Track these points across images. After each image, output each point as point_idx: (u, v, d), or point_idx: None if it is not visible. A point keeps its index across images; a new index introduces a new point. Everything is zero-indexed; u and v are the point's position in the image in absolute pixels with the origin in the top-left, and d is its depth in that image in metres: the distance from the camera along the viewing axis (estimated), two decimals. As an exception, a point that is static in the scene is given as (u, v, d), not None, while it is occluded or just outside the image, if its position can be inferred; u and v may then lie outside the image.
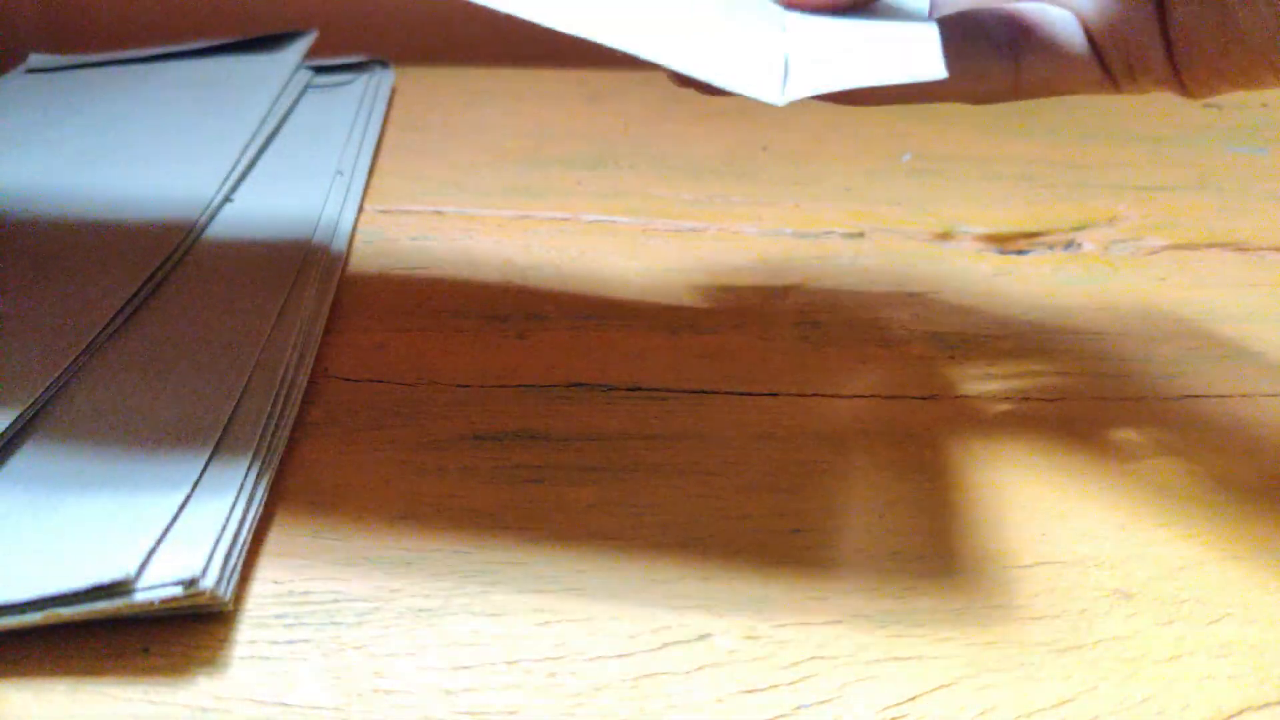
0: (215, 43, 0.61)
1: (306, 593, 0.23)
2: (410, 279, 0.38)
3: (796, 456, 0.28)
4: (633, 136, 0.54)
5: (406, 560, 0.24)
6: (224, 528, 0.23)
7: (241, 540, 0.23)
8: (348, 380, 0.31)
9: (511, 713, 0.20)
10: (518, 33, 0.63)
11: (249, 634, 0.22)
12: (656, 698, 0.21)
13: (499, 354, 0.33)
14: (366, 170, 0.47)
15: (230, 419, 0.27)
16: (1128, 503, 0.27)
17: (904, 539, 0.25)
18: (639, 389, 0.31)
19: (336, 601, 0.23)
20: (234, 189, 0.43)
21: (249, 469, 0.25)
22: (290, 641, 0.22)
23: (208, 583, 0.21)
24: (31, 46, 0.63)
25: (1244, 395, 0.32)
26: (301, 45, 0.59)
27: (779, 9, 0.26)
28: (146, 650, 0.21)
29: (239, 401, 0.28)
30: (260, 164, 0.46)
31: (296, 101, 0.54)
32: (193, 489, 0.24)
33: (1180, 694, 0.21)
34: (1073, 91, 0.27)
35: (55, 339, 0.30)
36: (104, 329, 0.31)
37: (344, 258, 0.38)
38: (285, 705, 0.20)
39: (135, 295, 0.33)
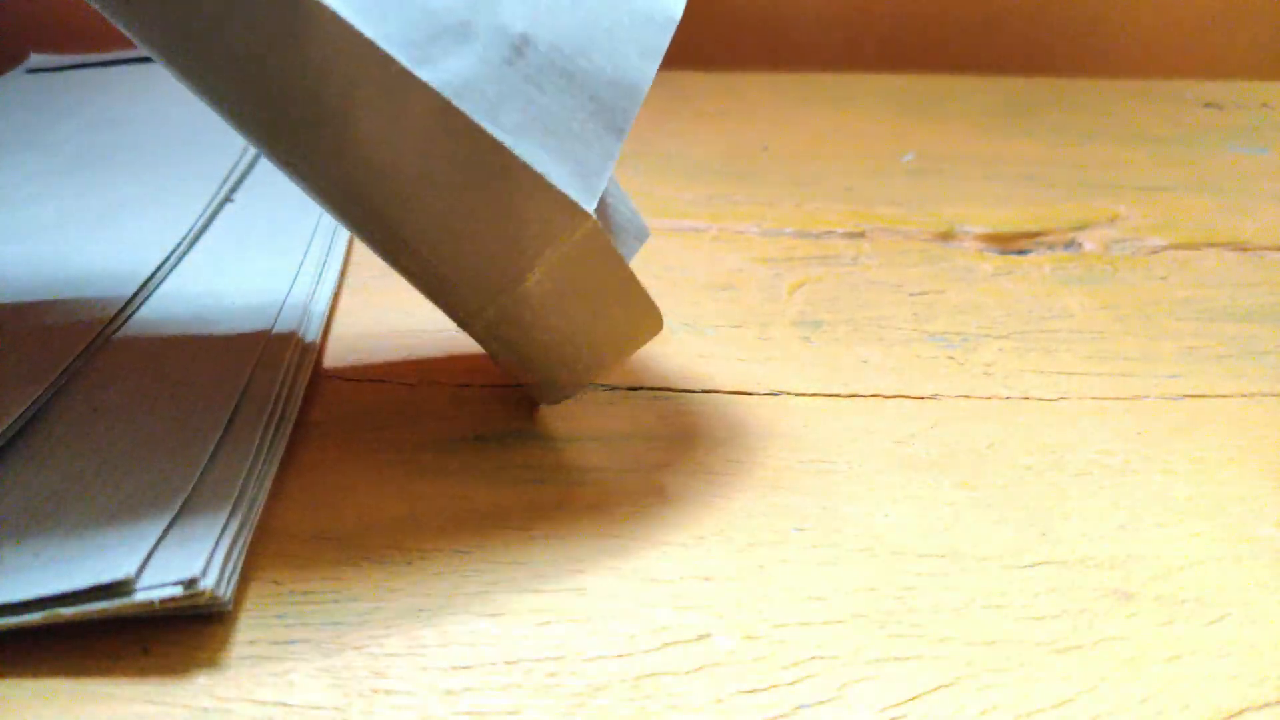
0: (215, 43, 0.61)
1: (306, 593, 0.23)
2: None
3: (797, 456, 0.28)
4: (633, 136, 0.54)
5: (407, 560, 0.24)
6: (224, 528, 0.23)
7: (242, 540, 0.23)
8: (348, 380, 0.31)
9: (511, 713, 0.20)
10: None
11: (249, 634, 0.22)
12: (656, 698, 0.21)
13: (499, 354, 0.33)
14: (367, 170, 0.47)
15: (230, 419, 0.27)
16: (1128, 503, 0.27)
17: (904, 538, 0.25)
18: (640, 388, 0.31)
19: (336, 601, 0.23)
20: (234, 189, 0.43)
21: (249, 469, 0.25)
22: (290, 641, 0.22)
23: (208, 583, 0.21)
24: (31, 46, 0.63)
25: (1244, 395, 0.32)
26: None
27: None
28: (146, 650, 0.21)
29: (239, 401, 0.28)
30: (261, 163, 0.46)
31: (297, 101, 0.54)
32: (193, 489, 0.24)
33: (1180, 694, 0.21)
34: None
35: (54, 341, 0.30)
36: (100, 333, 0.31)
37: (344, 257, 0.38)
38: (285, 705, 0.20)
39: (134, 296, 0.33)
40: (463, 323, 0.27)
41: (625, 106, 0.24)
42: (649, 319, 0.26)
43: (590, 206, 0.23)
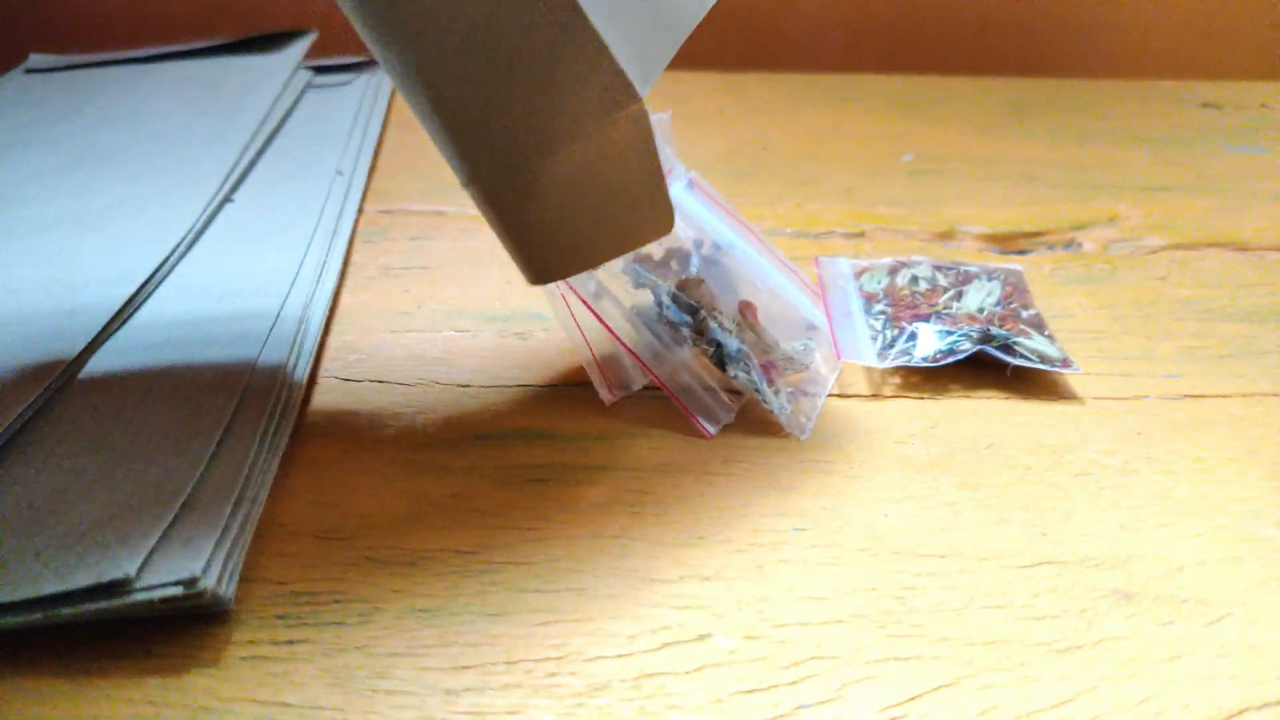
0: (215, 43, 0.61)
1: (308, 593, 0.23)
2: (411, 279, 0.38)
3: (799, 456, 0.28)
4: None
5: (408, 560, 0.24)
6: (225, 527, 0.23)
7: (243, 540, 0.23)
8: (348, 380, 0.31)
9: (512, 713, 0.20)
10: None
11: (250, 634, 0.22)
12: (656, 698, 0.21)
13: (500, 354, 0.33)
14: (367, 170, 0.47)
15: (231, 419, 0.27)
16: (1128, 502, 0.27)
17: (904, 538, 0.25)
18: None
19: (338, 601, 0.23)
20: (234, 189, 0.43)
21: (250, 468, 0.25)
22: (291, 641, 0.22)
23: (208, 582, 0.21)
24: (31, 46, 0.63)
25: (1244, 395, 0.32)
26: (301, 45, 0.59)
27: None
28: (147, 650, 0.21)
29: (240, 401, 0.28)
30: (260, 164, 0.46)
31: (296, 102, 0.54)
32: (193, 488, 0.24)
33: (1180, 694, 0.21)
34: None
35: (54, 341, 0.30)
36: (100, 333, 0.31)
37: (344, 258, 0.38)
38: (286, 705, 0.20)
39: (134, 296, 0.33)
40: (471, 181, 0.27)
41: (688, 17, 0.25)
42: (661, 218, 0.26)
43: (643, 91, 0.24)
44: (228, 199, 0.42)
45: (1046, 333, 0.33)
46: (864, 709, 0.21)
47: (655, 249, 0.31)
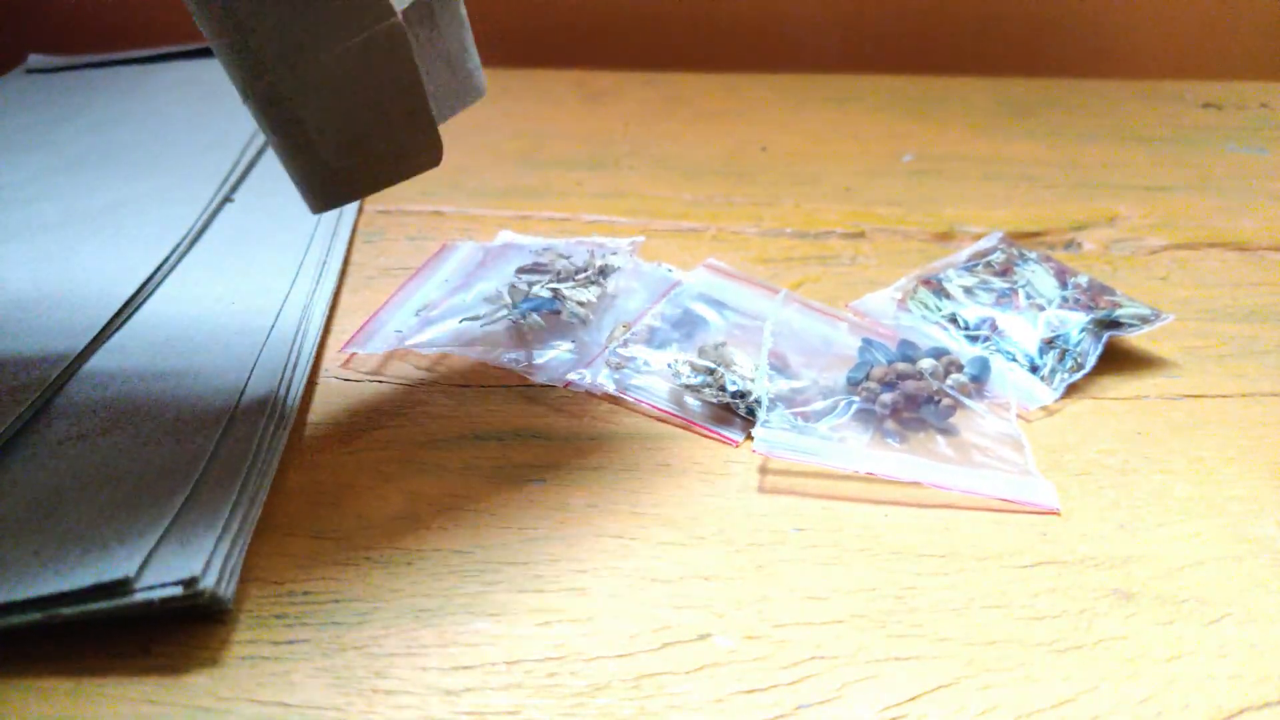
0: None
1: (306, 593, 0.23)
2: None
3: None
4: (633, 136, 0.54)
5: (406, 560, 0.24)
6: (224, 528, 0.23)
7: (242, 539, 0.23)
8: (347, 380, 0.31)
9: (512, 713, 0.20)
10: (516, 33, 0.63)
11: (249, 634, 0.22)
12: (656, 698, 0.21)
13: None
14: (366, 170, 0.47)
15: (230, 419, 0.27)
16: (1128, 503, 0.27)
17: (904, 538, 0.25)
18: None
19: (336, 601, 0.23)
20: (234, 188, 0.43)
21: (249, 469, 0.25)
22: (290, 642, 0.22)
23: (208, 582, 0.21)
24: (31, 46, 0.63)
25: (1244, 395, 0.32)
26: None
27: None
28: (147, 650, 0.21)
29: (239, 401, 0.28)
30: (260, 164, 0.46)
31: (296, 101, 0.53)
32: (193, 489, 0.24)
33: (1180, 694, 0.21)
34: None
35: (55, 341, 0.30)
36: (101, 333, 0.31)
37: (344, 258, 0.38)
38: (285, 705, 0.20)
39: (134, 296, 0.33)
40: (248, 89, 0.27)
41: None
42: (428, 149, 0.26)
43: (399, 6, 0.25)
44: (228, 199, 0.42)
45: (1120, 292, 0.32)
46: (864, 709, 0.21)
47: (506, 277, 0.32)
